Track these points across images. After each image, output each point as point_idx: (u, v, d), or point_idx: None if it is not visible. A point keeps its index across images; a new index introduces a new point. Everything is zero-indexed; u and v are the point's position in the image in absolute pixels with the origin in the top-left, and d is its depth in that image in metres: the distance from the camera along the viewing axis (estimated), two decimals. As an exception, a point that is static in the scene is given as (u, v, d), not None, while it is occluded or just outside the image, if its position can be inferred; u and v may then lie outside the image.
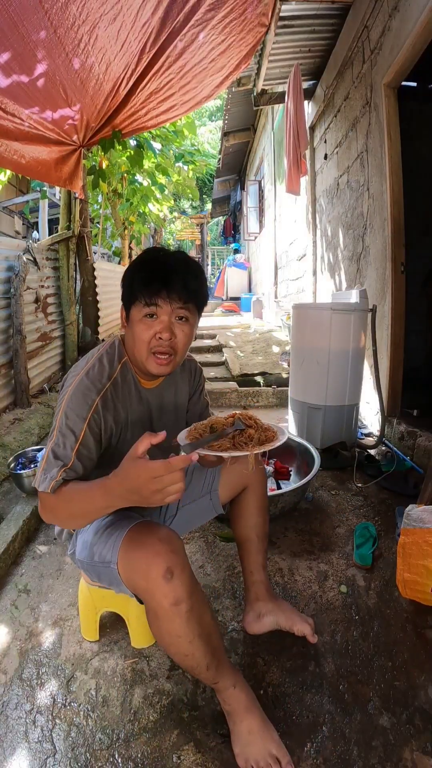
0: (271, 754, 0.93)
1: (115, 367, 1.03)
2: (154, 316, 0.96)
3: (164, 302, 0.95)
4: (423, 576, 1.30)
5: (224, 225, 15.27)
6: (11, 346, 3.03)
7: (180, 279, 0.95)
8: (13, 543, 1.65)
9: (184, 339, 1.00)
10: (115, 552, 0.94)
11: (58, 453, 0.91)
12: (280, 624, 1.24)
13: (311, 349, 2.49)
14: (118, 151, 4.00)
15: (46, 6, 1.97)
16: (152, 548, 0.88)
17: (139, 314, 0.97)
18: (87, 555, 1.04)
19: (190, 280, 0.97)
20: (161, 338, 0.96)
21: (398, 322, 2.53)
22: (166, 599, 0.85)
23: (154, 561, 0.86)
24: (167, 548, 0.88)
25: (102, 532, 1.01)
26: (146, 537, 0.91)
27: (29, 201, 7.13)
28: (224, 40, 2.57)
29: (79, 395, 0.96)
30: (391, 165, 2.44)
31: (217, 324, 7.17)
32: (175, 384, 1.18)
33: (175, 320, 0.98)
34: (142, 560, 0.88)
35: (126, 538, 0.93)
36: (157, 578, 0.85)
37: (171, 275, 0.95)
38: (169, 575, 0.85)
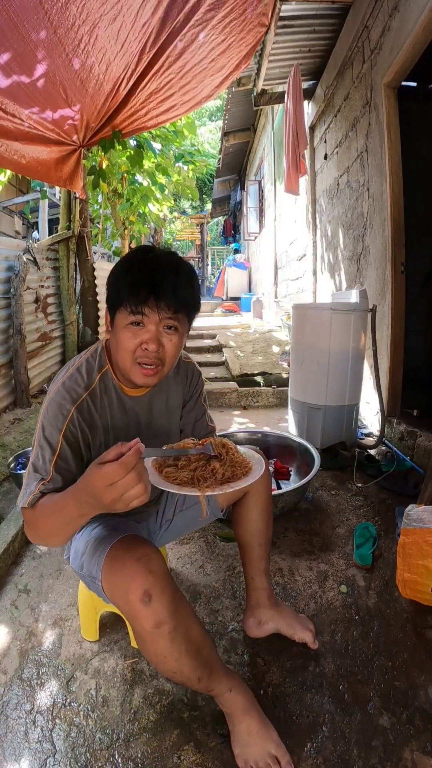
0: (270, 754, 0.93)
1: (93, 378, 0.97)
2: (141, 325, 0.89)
3: (152, 311, 0.88)
4: (423, 576, 1.30)
5: (224, 225, 15.27)
6: (11, 346, 3.03)
7: (170, 286, 0.88)
8: (13, 543, 1.65)
9: (172, 350, 0.93)
10: (99, 569, 0.92)
11: (38, 466, 0.90)
12: (281, 630, 1.24)
13: (311, 349, 2.49)
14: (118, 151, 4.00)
15: (46, 6, 1.97)
16: (129, 570, 0.85)
17: (124, 321, 0.90)
18: (77, 565, 1.03)
19: (180, 287, 0.89)
20: (147, 349, 0.89)
21: (398, 322, 2.53)
22: (146, 622, 0.83)
23: (132, 584, 0.83)
24: (144, 569, 0.84)
25: (90, 544, 1.00)
26: (124, 558, 0.88)
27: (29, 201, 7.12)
28: (224, 40, 2.57)
29: (55, 406, 0.92)
30: (391, 165, 2.44)
31: (217, 324, 7.17)
32: (166, 390, 1.11)
33: (163, 330, 0.91)
34: (120, 583, 0.86)
35: (107, 557, 0.91)
36: (135, 601, 0.83)
37: (160, 281, 0.87)
38: (147, 598, 0.82)
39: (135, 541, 0.93)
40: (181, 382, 1.14)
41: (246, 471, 0.87)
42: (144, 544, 0.91)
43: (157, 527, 1.25)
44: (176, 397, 1.13)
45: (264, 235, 7.68)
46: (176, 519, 1.24)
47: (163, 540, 1.28)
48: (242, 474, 0.86)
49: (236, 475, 0.85)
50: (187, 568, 1.59)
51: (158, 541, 1.27)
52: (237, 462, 0.88)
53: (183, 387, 1.15)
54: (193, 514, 1.24)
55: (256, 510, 1.20)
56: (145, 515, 1.22)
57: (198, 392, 1.19)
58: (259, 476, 0.86)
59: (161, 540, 1.27)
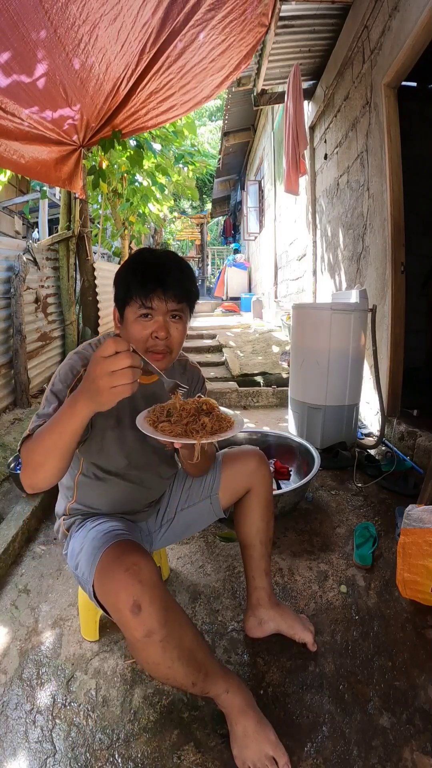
0: (267, 755, 0.93)
1: None
2: (149, 316, 0.97)
3: (160, 302, 0.96)
4: (423, 576, 1.30)
5: (224, 225, 15.28)
6: (11, 346, 3.03)
7: (175, 279, 0.97)
8: (13, 543, 1.65)
9: (178, 336, 1.02)
10: (91, 576, 0.93)
11: (41, 414, 0.95)
12: (282, 630, 1.24)
13: (311, 349, 2.49)
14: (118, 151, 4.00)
15: (46, 6, 1.97)
16: (118, 581, 0.85)
17: (134, 314, 0.97)
18: (73, 564, 1.04)
19: (184, 280, 0.99)
20: (157, 337, 0.98)
21: (398, 322, 2.53)
22: (136, 632, 0.83)
23: (121, 594, 0.84)
24: (134, 580, 0.84)
25: (86, 546, 1.00)
26: (115, 566, 0.88)
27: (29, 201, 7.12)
28: (224, 40, 2.57)
29: (66, 368, 1.01)
30: (391, 165, 2.44)
31: (217, 324, 7.17)
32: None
33: (170, 319, 1.00)
34: (110, 592, 0.86)
35: (98, 565, 0.92)
36: (124, 611, 0.83)
37: (166, 276, 0.96)
38: (136, 609, 0.82)
39: (126, 548, 0.93)
40: (186, 382, 1.19)
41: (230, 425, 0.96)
42: (134, 553, 0.91)
43: (157, 527, 1.25)
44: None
45: (264, 235, 7.68)
46: (177, 518, 1.24)
47: (164, 541, 1.27)
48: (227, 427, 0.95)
49: (222, 428, 0.94)
50: (187, 568, 1.59)
51: (158, 542, 1.27)
52: (222, 417, 0.98)
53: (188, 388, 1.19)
54: (195, 512, 1.24)
55: (257, 509, 1.21)
56: (144, 515, 1.22)
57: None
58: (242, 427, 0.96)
59: (162, 541, 1.27)
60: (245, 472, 1.21)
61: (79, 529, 1.09)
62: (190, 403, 0.97)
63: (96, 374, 0.73)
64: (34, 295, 3.43)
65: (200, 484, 1.23)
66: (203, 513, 1.24)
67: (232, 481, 1.21)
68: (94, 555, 0.95)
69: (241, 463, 1.22)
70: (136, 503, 1.18)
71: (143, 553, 0.92)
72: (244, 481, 1.21)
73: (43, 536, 1.81)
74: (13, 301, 2.99)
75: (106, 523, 1.06)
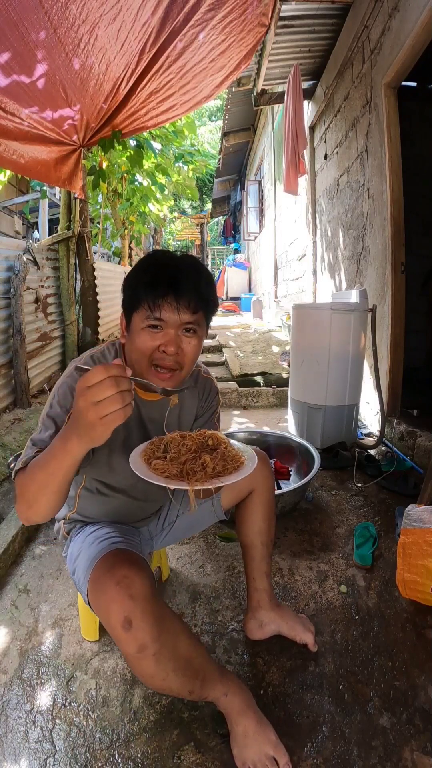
0: (268, 755, 0.93)
1: None
2: (158, 329, 0.86)
3: (171, 311, 0.85)
4: (423, 576, 1.30)
5: (224, 225, 15.28)
6: (11, 346, 3.03)
7: (190, 283, 0.85)
8: (13, 543, 1.65)
9: (192, 353, 0.89)
10: (86, 584, 0.91)
11: (36, 440, 0.88)
12: (283, 632, 1.23)
13: (311, 349, 2.49)
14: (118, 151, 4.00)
15: (46, 6, 1.97)
16: (109, 594, 0.82)
17: (141, 323, 0.86)
18: (71, 569, 1.03)
19: (201, 285, 0.87)
20: (165, 352, 0.86)
21: (398, 322, 2.53)
22: (128, 647, 0.81)
23: (112, 609, 0.81)
24: (124, 595, 0.81)
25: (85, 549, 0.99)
26: (106, 579, 0.85)
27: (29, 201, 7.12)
28: (224, 40, 2.57)
29: (65, 388, 0.91)
30: (391, 165, 2.44)
31: (217, 324, 7.17)
32: (180, 401, 1.07)
33: (182, 333, 0.88)
34: (102, 606, 0.84)
35: (91, 577, 0.89)
36: (116, 627, 0.80)
37: (180, 279, 0.85)
38: (127, 625, 0.79)
39: (118, 559, 0.89)
40: (197, 396, 1.11)
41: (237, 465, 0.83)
42: (126, 564, 0.87)
43: (158, 530, 1.24)
44: (190, 411, 1.11)
45: (264, 235, 7.68)
46: (179, 521, 1.24)
47: (165, 542, 1.27)
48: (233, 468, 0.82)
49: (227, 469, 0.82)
50: (187, 568, 1.59)
51: (159, 544, 1.27)
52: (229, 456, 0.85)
53: (198, 401, 1.12)
54: (197, 515, 1.23)
55: (259, 510, 1.19)
56: (145, 522, 1.21)
57: (212, 410, 1.15)
58: (251, 471, 0.82)
59: (163, 542, 1.27)
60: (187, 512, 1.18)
61: (78, 533, 1.08)
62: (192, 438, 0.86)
63: (82, 407, 0.65)
64: (34, 295, 3.43)
65: None
66: (205, 515, 1.23)
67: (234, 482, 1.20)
68: (89, 563, 0.93)
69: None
70: (138, 514, 1.17)
71: (136, 563, 0.88)
72: (246, 482, 1.16)
73: (43, 536, 1.81)
74: (13, 301, 2.99)
75: (104, 528, 1.05)
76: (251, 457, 0.86)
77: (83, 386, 0.65)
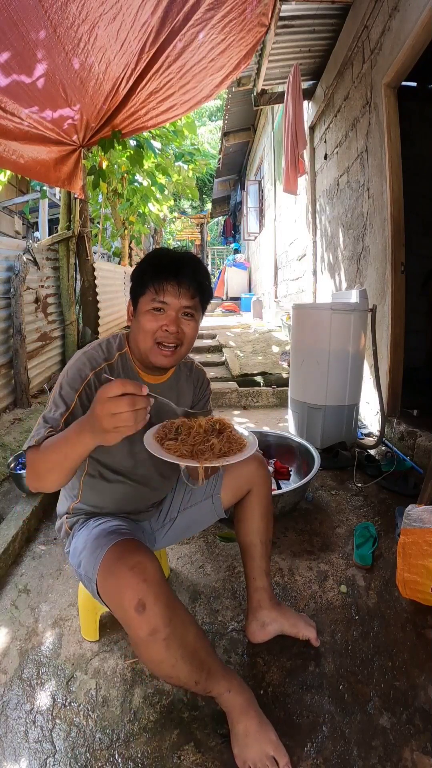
0: (268, 755, 0.93)
1: (113, 354, 1.06)
2: (161, 311, 0.98)
3: (173, 295, 0.97)
4: (423, 576, 1.30)
5: (224, 225, 15.27)
6: (11, 346, 3.03)
7: (190, 272, 0.98)
8: (13, 543, 1.65)
9: (190, 333, 1.02)
10: (95, 573, 0.93)
11: (48, 418, 0.95)
12: (285, 631, 1.23)
13: (311, 349, 2.49)
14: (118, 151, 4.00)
15: (46, 5, 1.97)
16: (123, 579, 0.86)
17: (147, 306, 0.98)
18: (76, 562, 1.04)
19: (199, 274, 1.00)
20: (168, 330, 0.98)
21: (398, 322, 2.53)
22: (141, 630, 0.84)
23: (125, 593, 0.84)
24: (138, 579, 0.85)
25: (89, 543, 1.00)
26: (119, 565, 0.88)
27: (29, 201, 7.12)
28: (224, 39, 2.57)
29: (75, 370, 1.00)
30: (391, 165, 2.44)
31: (217, 324, 7.16)
32: (178, 388, 1.17)
33: (182, 316, 1.00)
34: (114, 590, 0.87)
35: (102, 563, 0.92)
36: (129, 610, 0.83)
37: (181, 268, 0.98)
38: (141, 608, 0.83)
39: (130, 547, 0.93)
40: (192, 385, 1.21)
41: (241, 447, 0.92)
42: (138, 551, 0.91)
43: (159, 525, 1.25)
44: (186, 398, 1.20)
45: (264, 235, 7.68)
46: (180, 518, 1.25)
47: (166, 541, 1.28)
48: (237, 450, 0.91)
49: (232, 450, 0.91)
50: (187, 568, 1.59)
51: (160, 542, 1.27)
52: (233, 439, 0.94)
53: (194, 390, 1.22)
54: (197, 512, 1.24)
55: (257, 509, 1.22)
56: (147, 515, 1.22)
57: (206, 398, 1.26)
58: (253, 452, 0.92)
59: (164, 541, 1.27)
60: (246, 473, 1.21)
61: (81, 528, 1.09)
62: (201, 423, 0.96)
63: (99, 413, 0.73)
64: (34, 295, 3.43)
65: (203, 485, 1.23)
66: (205, 512, 1.24)
67: (233, 481, 1.22)
68: (97, 553, 0.95)
69: (242, 464, 1.19)
70: (140, 503, 1.18)
71: (147, 551, 0.92)
72: (245, 481, 1.22)
73: (43, 536, 1.81)
74: (13, 301, 2.99)
75: (110, 522, 1.07)
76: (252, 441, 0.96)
77: (104, 396, 0.72)
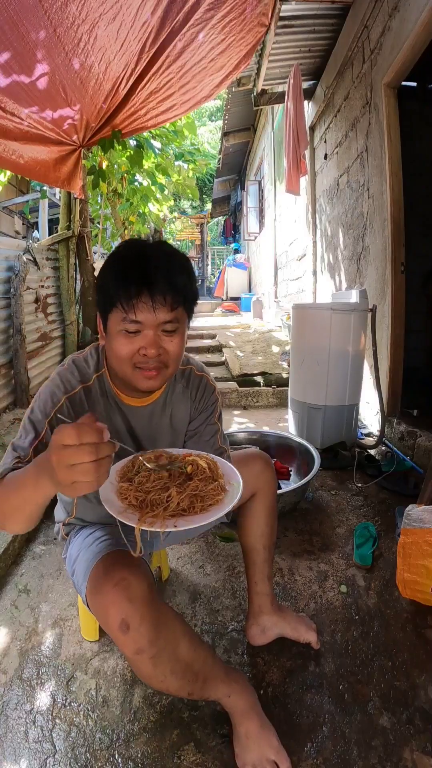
0: (269, 759, 0.92)
1: (90, 375, 0.94)
2: (137, 333, 0.81)
3: (147, 311, 0.79)
4: (423, 576, 1.30)
5: (224, 225, 15.26)
6: (11, 346, 3.03)
7: (164, 275, 0.79)
8: (13, 543, 1.65)
9: (175, 350, 0.85)
10: (85, 586, 0.90)
11: (17, 446, 0.87)
12: (286, 634, 1.22)
13: (311, 349, 2.49)
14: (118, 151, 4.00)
15: (46, 5, 1.97)
16: (107, 597, 0.81)
17: (117, 326, 0.81)
18: (70, 571, 1.02)
19: (175, 275, 0.81)
20: (146, 355, 0.82)
21: (398, 322, 2.53)
22: (127, 649, 0.80)
23: (110, 611, 0.80)
24: (123, 597, 0.79)
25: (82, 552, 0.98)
26: (104, 581, 0.83)
27: (29, 201, 7.12)
28: (224, 39, 2.57)
29: (47, 393, 0.91)
30: (391, 165, 2.44)
31: (217, 324, 7.17)
32: (171, 405, 1.02)
33: (162, 333, 0.83)
34: (100, 608, 0.83)
35: (91, 576, 0.88)
36: (114, 628, 0.80)
37: (152, 273, 0.79)
38: (125, 627, 0.78)
39: (117, 561, 0.87)
40: (189, 398, 1.04)
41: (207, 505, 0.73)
42: (125, 567, 0.85)
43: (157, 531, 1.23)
44: (182, 414, 1.04)
45: (264, 235, 7.68)
46: None
47: (166, 543, 1.27)
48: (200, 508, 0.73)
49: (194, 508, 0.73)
50: (187, 568, 1.58)
51: (160, 544, 1.26)
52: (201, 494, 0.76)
53: (192, 403, 1.05)
54: None
55: (262, 514, 1.17)
56: None
57: (209, 410, 1.07)
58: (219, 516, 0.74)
59: (163, 543, 1.26)
60: (251, 476, 1.11)
61: (77, 535, 1.07)
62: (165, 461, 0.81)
63: (54, 463, 0.61)
64: (34, 295, 3.43)
65: None
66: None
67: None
68: (87, 565, 0.92)
69: (247, 466, 1.12)
70: None
71: (135, 565, 0.87)
72: (249, 484, 1.13)
73: (43, 536, 1.81)
74: (13, 301, 2.99)
75: (103, 529, 1.04)
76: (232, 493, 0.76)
77: (59, 442, 0.60)
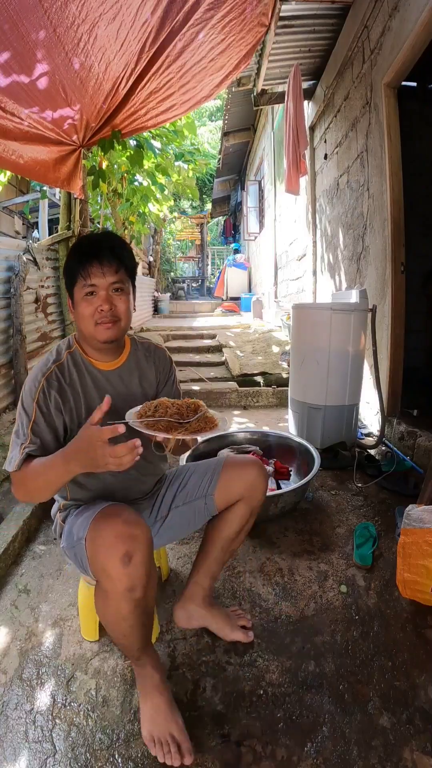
0: (173, 735, 0.97)
1: (62, 355, 1.12)
2: (94, 294, 1.05)
3: (98, 275, 1.04)
4: (423, 576, 1.30)
5: (224, 225, 15.27)
6: (11, 346, 3.03)
7: (108, 249, 1.06)
8: (13, 543, 1.65)
9: (123, 306, 1.09)
10: (86, 528, 0.96)
11: (18, 433, 1.04)
12: (211, 629, 1.27)
13: (311, 349, 2.49)
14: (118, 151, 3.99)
15: (46, 5, 1.96)
16: (115, 529, 0.91)
17: (80, 294, 1.06)
18: (69, 543, 1.07)
19: (116, 248, 1.08)
20: (102, 310, 1.05)
21: (398, 322, 2.53)
22: (120, 583, 0.88)
23: (115, 542, 0.88)
24: (129, 532, 0.90)
25: (81, 512, 1.05)
26: (112, 517, 0.94)
27: (29, 201, 7.12)
28: (224, 39, 2.57)
29: (30, 380, 1.08)
30: (391, 165, 2.44)
31: (217, 324, 7.17)
32: (138, 369, 1.21)
33: (112, 292, 1.07)
34: (104, 540, 0.90)
35: (97, 516, 0.97)
36: (115, 560, 0.87)
37: (100, 249, 1.05)
38: (127, 560, 0.87)
39: (122, 508, 0.99)
40: (153, 366, 1.25)
41: (213, 427, 1.02)
42: (131, 512, 0.97)
43: (150, 522, 1.25)
44: (149, 377, 1.24)
45: (264, 235, 7.68)
46: (171, 515, 1.25)
47: (159, 539, 1.27)
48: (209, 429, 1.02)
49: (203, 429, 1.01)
50: (187, 568, 1.58)
51: (154, 540, 1.26)
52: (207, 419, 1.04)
53: (156, 370, 1.25)
54: (189, 511, 1.24)
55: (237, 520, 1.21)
56: (139, 507, 1.22)
57: (171, 377, 1.30)
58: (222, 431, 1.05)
59: (157, 538, 1.26)
60: (242, 481, 1.20)
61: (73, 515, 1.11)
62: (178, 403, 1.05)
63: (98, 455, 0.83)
64: (34, 295, 3.43)
65: (198, 483, 1.23)
66: (197, 512, 1.23)
67: (228, 485, 1.20)
68: (93, 510, 1.00)
69: (242, 471, 1.21)
70: (129, 490, 1.20)
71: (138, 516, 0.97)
72: (239, 488, 1.20)
73: (43, 536, 1.81)
74: (13, 301, 2.99)
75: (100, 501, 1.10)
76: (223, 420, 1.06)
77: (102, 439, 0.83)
